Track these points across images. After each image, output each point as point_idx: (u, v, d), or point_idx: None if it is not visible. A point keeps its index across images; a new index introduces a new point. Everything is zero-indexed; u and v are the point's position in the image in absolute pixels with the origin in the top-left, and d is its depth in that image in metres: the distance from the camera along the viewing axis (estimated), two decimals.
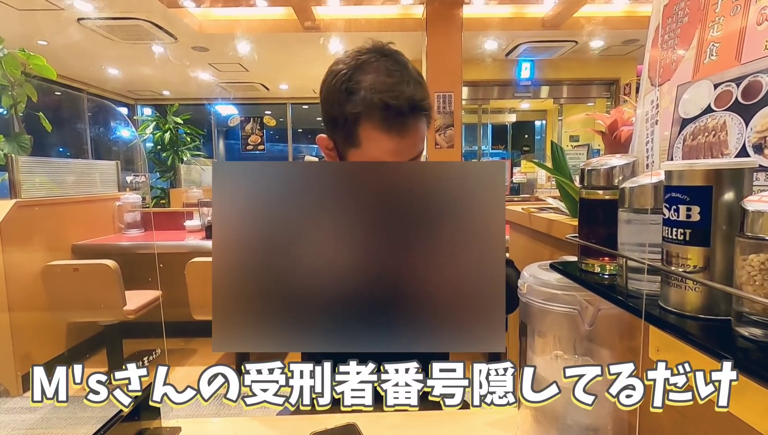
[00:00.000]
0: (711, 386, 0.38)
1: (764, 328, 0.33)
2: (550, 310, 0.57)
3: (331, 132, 0.77)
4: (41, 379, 0.43)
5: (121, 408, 0.46)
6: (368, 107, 0.70)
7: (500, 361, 0.44)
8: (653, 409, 0.40)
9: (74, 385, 0.44)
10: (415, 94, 0.71)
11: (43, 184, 2.70)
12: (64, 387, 0.44)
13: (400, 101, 0.69)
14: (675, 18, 0.59)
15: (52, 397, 0.44)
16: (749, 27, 0.47)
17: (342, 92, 0.71)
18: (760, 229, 0.32)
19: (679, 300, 0.40)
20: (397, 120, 0.70)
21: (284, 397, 0.44)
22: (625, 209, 0.47)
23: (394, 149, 0.72)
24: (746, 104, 0.46)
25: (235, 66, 5.32)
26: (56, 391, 0.44)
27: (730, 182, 0.36)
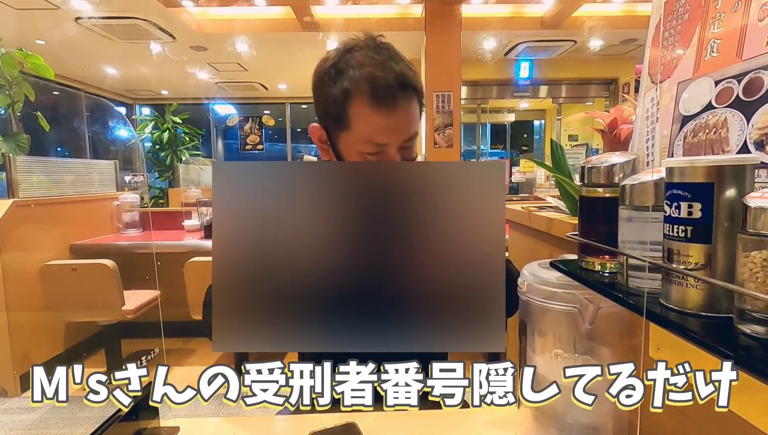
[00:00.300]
0: (711, 386, 0.38)
1: (766, 326, 0.33)
2: (550, 309, 0.57)
3: (323, 119, 0.77)
4: (41, 379, 0.43)
5: (121, 408, 0.46)
6: (356, 83, 0.70)
7: (500, 361, 0.44)
8: (653, 409, 0.40)
9: (74, 385, 0.44)
10: (403, 71, 0.72)
11: (41, 184, 2.69)
12: (64, 387, 0.44)
13: (388, 75, 0.70)
14: (675, 15, 0.59)
15: (52, 397, 0.43)
16: (750, 23, 0.46)
17: (331, 74, 0.72)
18: (762, 226, 0.32)
19: (680, 297, 0.39)
20: (386, 94, 0.70)
21: (284, 397, 0.44)
22: (626, 207, 0.47)
23: (385, 126, 0.71)
24: (747, 101, 0.45)
25: (234, 65, 5.31)
26: (56, 391, 0.43)
27: (731, 179, 0.36)
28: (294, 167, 0.47)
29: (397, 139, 0.73)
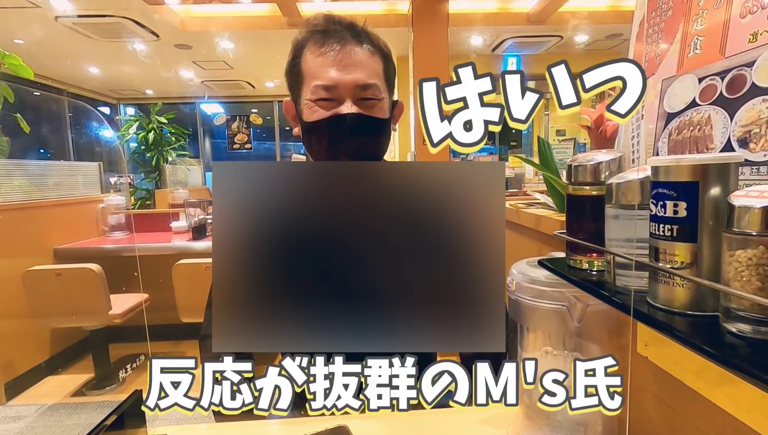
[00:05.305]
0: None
1: (752, 324, 0.33)
2: (539, 307, 0.57)
3: (290, 90, 0.76)
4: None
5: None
6: (307, 33, 0.72)
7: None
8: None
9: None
10: (357, 22, 0.72)
11: (22, 187, 2.63)
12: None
13: (338, 24, 0.71)
14: (659, 11, 0.59)
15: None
16: (733, 20, 0.47)
17: (294, 44, 0.73)
18: (746, 225, 0.32)
19: (667, 296, 0.39)
20: (332, 32, 0.70)
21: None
22: (612, 205, 0.47)
23: (329, 63, 0.69)
24: (731, 98, 0.45)
25: (220, 63, 5.25)
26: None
27: (716, 177, 0.36)
28: (294, 167, 0.46)
29: (347, 83, 0.69)
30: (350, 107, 0.69)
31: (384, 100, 0.74)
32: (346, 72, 0.69)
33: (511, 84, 0.40)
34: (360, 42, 0.71)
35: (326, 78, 0.69)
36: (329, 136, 0.71)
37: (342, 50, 0.69)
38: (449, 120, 0.41)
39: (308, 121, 0.72)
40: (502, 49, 4.98)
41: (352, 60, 0.70)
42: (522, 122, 0.40)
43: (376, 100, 0.72)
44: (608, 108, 0.39)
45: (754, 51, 0.44)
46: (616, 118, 0.39)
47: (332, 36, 0.70)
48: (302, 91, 0.73)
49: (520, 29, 4.36)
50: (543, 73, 0.40)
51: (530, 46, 4.96)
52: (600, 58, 0.39)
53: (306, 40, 0.72)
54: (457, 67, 0.41)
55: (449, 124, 0.41)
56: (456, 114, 0.41)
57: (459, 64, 0.42)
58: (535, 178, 4.46)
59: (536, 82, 2.10)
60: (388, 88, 0.75)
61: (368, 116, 0.71)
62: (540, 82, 0.64)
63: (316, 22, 0.72)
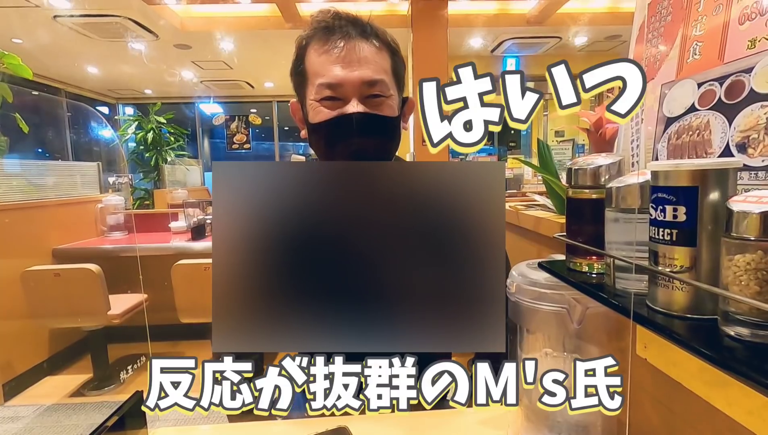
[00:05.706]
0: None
1: (750, 328, 0.33)
2: (539, 309, 0.57)
3: (296, 90, 0.75)
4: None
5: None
6: (311, 31, 0.70)
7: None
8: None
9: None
10: (361, 18, 0.70)
11: (21, 187, 2.62)
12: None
13: (342, 20, 0.69)
14: (658, 16, 0.59)
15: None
16: (731, 26, 0.47)
17: (297, 43, 0.72)
18: (745, 230, 0.32)
19: (666, 300, 0.40)
20: (336, 29, 0.69)
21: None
22: (612, 209, 0.47)
23: (334, 60, 0.67)
24: (729, 103, 0.46)
25: (219, 64, 5.24)
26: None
27: (715, 182, 0.36)
28: (294, 167, 0.46)
29: (353, 80, 0.67)
30: (356, 106, 0.67)
31: (392, 98, 0.71)
32: (351, 69, 0.67)
33: (511, 84, 0.40)
34: (366, 37, 0.69)
35: (330, 76, 0.67)
36: (335, 138, 0.70)
37: (346, 46, 0.68)
38: (449, 120, 0.41)
39: (313, 122, 0.71)
40: (502, 50, 4.99)
41: (357, 56, 0.68)
42: (522, 122, 0.40)
43: (384, 98, 0.70)
44: (608, 108, 0.39)
45: (753, 57, 0.44)
46: (617, 118, 0.39)
47: (336, 32, 0.68)
48: (307, 92, 0.71)
49: (519, 30, 4.37)
50: (542, 74, 0.40)
51: (529, 47, 4.98)
52: (599, 59, 0.39)
53: (310, 37, 0.70)
54: (457, 67, 0.41)
55: (449, 124, 0.41)
56: (456, 114, 0.41)
57: (459, 64, 0.42)
58: (534, 180, 4.47)
59: (535, 83, 2.10)
60: (396, 84, 0.73)
61: (375, 115, 0.69)
62: (539, 83, 0.65)
63: (320, 18, 0.71)
